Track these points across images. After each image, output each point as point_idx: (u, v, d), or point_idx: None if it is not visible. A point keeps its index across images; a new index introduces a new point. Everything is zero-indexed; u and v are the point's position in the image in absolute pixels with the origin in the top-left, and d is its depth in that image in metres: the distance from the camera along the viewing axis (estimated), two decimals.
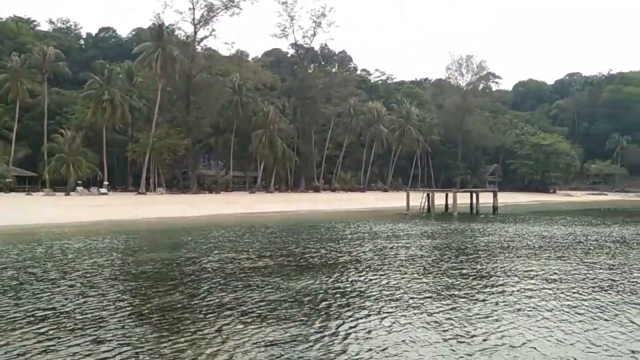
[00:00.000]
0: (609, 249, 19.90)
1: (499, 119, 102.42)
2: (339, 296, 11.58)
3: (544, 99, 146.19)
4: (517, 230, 28.12)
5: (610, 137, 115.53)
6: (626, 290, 12.20)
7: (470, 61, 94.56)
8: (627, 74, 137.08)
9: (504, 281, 13.34)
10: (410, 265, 15.98)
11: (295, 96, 78.12)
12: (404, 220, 35.51)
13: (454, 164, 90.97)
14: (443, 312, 10.05)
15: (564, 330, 8.82)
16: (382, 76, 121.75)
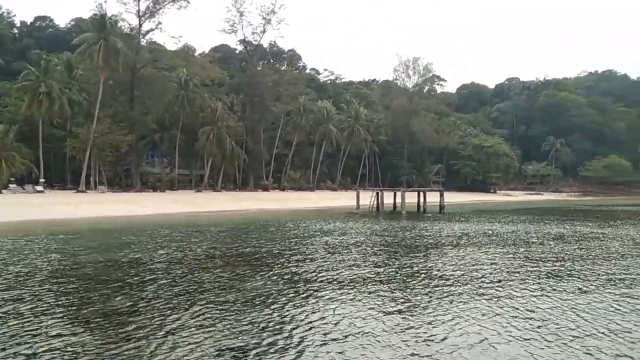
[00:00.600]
0: (549, 245, 20.78)
1: (443, 121, 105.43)
2: (291, 295, 11.35)
3: (486, 102, 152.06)
4: (463, 228, 28.93)
5: (546, 140, 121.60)
6: (571, 281, 12.71)
7: (416, 63, 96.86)
8: (561, 80, 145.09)
9: (451, 275, 13.59)
10: (363, 263, 15.97)
11: (244, 93, 76.96)
12: (354, 218, 35.72)
13: (401, 163, 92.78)
14: (399, 311, 10.04)
15: (513, 324, 9.03)
16: (331, 76, 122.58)
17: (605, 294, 11.72)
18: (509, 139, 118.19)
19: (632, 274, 14.41)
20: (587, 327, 9.02)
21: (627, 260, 17.17)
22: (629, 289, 12.44)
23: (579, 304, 10.79)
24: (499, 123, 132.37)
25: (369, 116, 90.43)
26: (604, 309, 10.37)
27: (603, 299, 11.21)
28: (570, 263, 16.36)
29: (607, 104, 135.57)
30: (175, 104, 65.12)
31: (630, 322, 9.41)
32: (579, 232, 26.74)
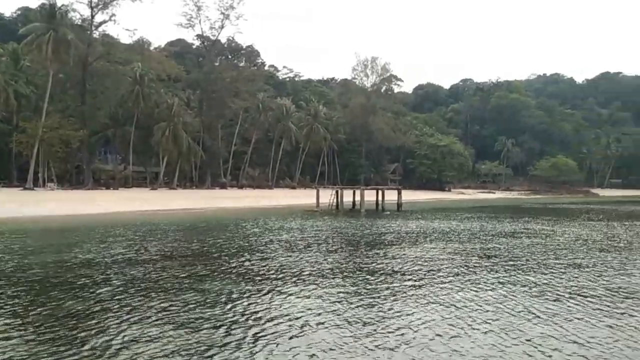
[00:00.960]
0: (502, 241, 21.42)
1: (400, 120, 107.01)
2: (252, 294, 11.19)
3: (441, 102, 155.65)
4: (421, 225, 29.47)
5: (498, 140, 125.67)
6: (522, 274, 13.13)
7: (375, 63, 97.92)
8: (512, 82, 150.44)
9: (408, 270, 13.78)
10: (323, 260, 15.95)
11: (201, 89, 75.54)
12: (314, 216, 35.74)
13: (359, 162, 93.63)
14: (359, 306, 10.07)
15: (470, 318, 9.23)
16: (290, 73, 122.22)
17: (555, 284, 12.18)
18: (463, 138, 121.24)
19: (579, 265, 15.05)
20: (531, 315, 9.41)
21: (575, 254, 17.93)
22: (577, 279, 12.98)
23: (526, 294, 11.29)
24: (453, 123, 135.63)
25: (328, 114, 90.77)
26: (553, 299, 10.76)
27: (553, 290, 11.64)
28: (522, 258, 16.92)
29: (554, 106, 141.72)
30: (130, 99, 63.22)
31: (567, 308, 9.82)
32: (530, 229, 27.73)
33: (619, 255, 18.24)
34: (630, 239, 23.80)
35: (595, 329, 8.88)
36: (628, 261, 16.76)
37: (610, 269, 15.12)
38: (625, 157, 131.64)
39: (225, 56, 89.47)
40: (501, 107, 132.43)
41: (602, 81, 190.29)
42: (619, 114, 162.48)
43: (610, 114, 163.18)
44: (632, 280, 13.54)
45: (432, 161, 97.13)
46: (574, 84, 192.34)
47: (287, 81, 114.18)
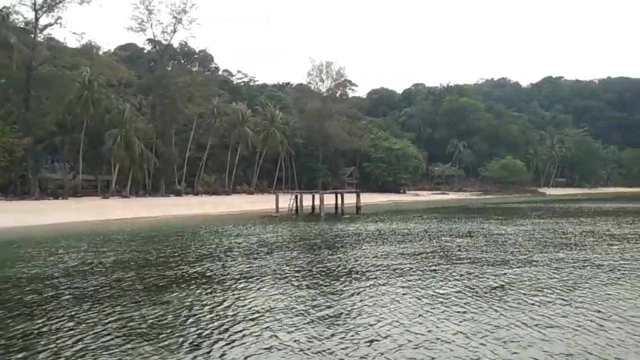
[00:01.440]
0: (458, 241, 21.94)
1: (356, 124, 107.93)
2: (211, 304, 10.92)
3: (394, 106, 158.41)
4: (380, 228, 29.77)
5: (450, 142, 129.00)
6: (476, 269, 13.47)
7: (329, 68, 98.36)
8: (462, 86, 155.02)
9: (371, 272, 13.86)
10: (285, 266, 15.81)
11: (153, 94, 73.51)
12: (274, 222, 35.45)
13: (316, 166, 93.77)
14: (322, 309, 10.02)
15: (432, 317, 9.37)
16: (245, 78, 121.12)
17: (513, 282, 12.57)
18: (417, 141, 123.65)
19: (530, 260, 15.60)
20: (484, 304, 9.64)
21: (530, 252, 18.57)
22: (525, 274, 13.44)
23: (478, 287, 11.56)
24: (407, 126, 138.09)
25: (285, 119, 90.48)
26: (508, 290, 11.08)
27: (514, 287, 12.00)
28: (479, 255, 17.37)
29: (502, 108, 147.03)
30: (78, 105, 60.70)
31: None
32: (484, 229, 28.54)
33: (570, 252, 19.04)
34: (581, 236, 24.91)
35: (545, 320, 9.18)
36: (578, 258, 17.50)
37: (563, 265, 15.74)
38: (568, 157, 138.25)
39: (178, 61, 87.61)
40: (452, 111, 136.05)
41: (545, 85, 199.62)
42: (561, 116, 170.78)
43: (553, 116, 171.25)
44: (583, 274, 14.13)
45: (388, 164, 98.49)
46: (519, 88, 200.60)
47: (242, 86, 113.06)
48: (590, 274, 14.28)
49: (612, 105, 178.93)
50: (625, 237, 23.51)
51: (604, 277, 13.79)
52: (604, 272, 14.55)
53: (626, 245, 20.73)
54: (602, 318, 9.59)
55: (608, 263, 16.08)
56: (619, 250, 19.25)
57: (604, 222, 33.12)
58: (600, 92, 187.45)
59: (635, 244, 21.12)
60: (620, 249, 19.41)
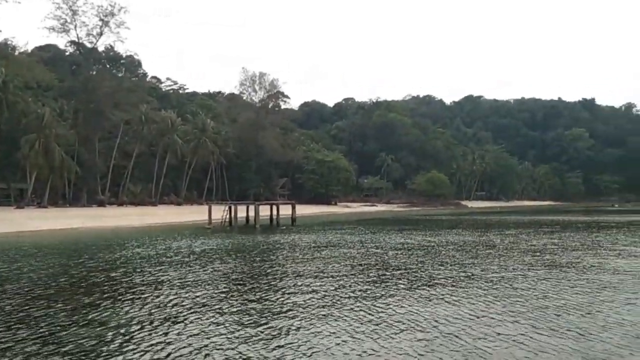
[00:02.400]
0: (391, 253, 22.49)
1: (289, 136, 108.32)
2: (139, 323, 10.40)
3: (326, 119, 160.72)
4: (315, 239, 29.84)
5: (379, 156, 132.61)
6: (411, 282, 13.87)
7: (263, 79, 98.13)
8: (391, 102, 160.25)
9: (302, 284, 13.85)
10: (220, 282, 15.40)
11: (76, 99, 69.49)
12: (207, 234, 34.51)
13: (248, 177, 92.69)
14: (256, 326, 9.85)
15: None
16: (174, 85, 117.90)
17: (443, 293, 13.04)
18: (347, 154, 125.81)
19: (469, 275, 16.30)
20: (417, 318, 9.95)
21: (461, 264, 19.39)
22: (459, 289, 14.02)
23: (413, 298, 11.87)
24: (338, 139, 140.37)
25: (216, 129, 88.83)
26: (438, 304, 11.49)
27: (449, 297, 12.45)
28: (411, 267, 17.88)
29: (428, 125, 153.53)
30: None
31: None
32: (415, 241, 29.46)
33: (495, 260, 20.08)
34: (506, 247, 26.36)
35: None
36: (505, 268, 18.50)
37: (498, 276, 16.56)
38: (487, 172, 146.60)
39: (103, 65, 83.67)
40: (381, 125, 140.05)
41: (467, 103, 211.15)
42: (481, 133, 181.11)
43: (474, 133, 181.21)
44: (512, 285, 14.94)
45: (320, 176, 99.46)
46: (443, 105, 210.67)
47: (172, 93, 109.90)
48: (525, 282, 15.11)
49: (526, 124, 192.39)
50: (544, 249, 25.18)
51: (541, 284, 14.65)
52: (533, 280, 15.46)
53: (543, 256, 22.19)
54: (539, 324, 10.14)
55: (534, 274, 17.12)
56: (538, 260, 20.58)
57: (525, 233, 35.28)
58: (515, 112, 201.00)
59: (546, 254, 22.66)
60: (538, 260, 20.74)
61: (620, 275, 16.38)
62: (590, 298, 12.75)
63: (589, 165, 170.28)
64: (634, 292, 13.46)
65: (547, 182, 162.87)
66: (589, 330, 9.73)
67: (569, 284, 14.80)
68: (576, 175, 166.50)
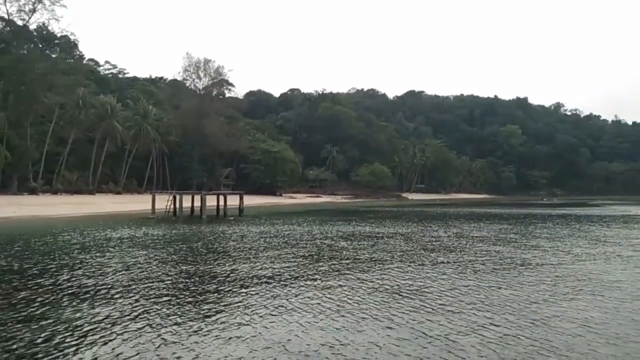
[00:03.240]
0: (340, 243, 22.88)
1: (233, 125, 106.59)
2: (75, 315, 10.09)
3: (272, 109, 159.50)
4: (264, 230, 29.76)
5: (324, 148, 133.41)
6: (358, 273, 14.24)
7: (208, 65, 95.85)
8: (336, 95, 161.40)
9: (248, 274, 13.89)
10: (162, 274, 15.11)
11: (5, 80, 64.89)
12: (150, 224, 33.50)
13: (191, 166, 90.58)
14: (196, 318, 9.83)
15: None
16: (113, 69, 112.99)
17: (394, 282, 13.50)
18: (293, 145, 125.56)
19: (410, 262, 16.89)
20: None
21: (404, 250, 20.03)
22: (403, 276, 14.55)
23: (371, 291, 12.24)
24: (284, 130, 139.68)
25: (158, 115, 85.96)
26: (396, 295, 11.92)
27: (397, 288, 12.89)
28: (363, 256, 18.31)
29: (372, 118, 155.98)
30: None
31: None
32: (364, 231, 30.06)
33: (449, 254, 20.91)
34: (449, 239, 27.45)
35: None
36: (457, 260, 19.30)
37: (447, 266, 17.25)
38: (427, 165, 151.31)
39: (36, 45, 78.66)
40: (327, 117, 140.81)
41: (409, 98, 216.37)
42: (422, 127, 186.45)
43: (415, 127, 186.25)
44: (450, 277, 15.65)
45: (265, 166, 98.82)
46: (386, 100, 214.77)
47: (110, 77, 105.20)
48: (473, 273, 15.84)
49: (465, 120, 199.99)
50: (486, 238, 26.46)
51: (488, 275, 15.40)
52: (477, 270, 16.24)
53: (486, 245, 23.35)
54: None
55: (482, 261, 17.98)
56: (484, 249, 21.63)
57: (466, 224, 36.83)
58: (454, 108, 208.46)
59: (485, 244, 23.88)
60: (483, 249, 21.81)
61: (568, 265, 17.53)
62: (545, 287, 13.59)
63: (521, 160, 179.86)
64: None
65: (482, 176, 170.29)
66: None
67: (513, 276, 15.68)
68: (509, 169, 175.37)
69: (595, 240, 25.50)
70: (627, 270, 16.23)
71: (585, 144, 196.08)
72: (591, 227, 34.07)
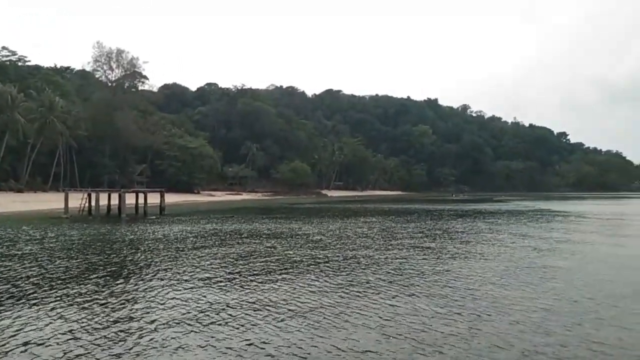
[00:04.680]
0: (263, 242, 22.93)
1: (147, 119, 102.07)
2: None
3: (188, 103, 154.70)
4: (189, 229, 28.97)
5: (244, 144, 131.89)
6: (280, 270, 14.47)
7: (121, 56, 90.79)
8: (256, 91, 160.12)
9: (175, 274, 13.68)
10: (82, 273, 14.37)
11: None
12: (63, 224, 31.28)
13: (102, 162, 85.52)
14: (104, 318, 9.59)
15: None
16: (12, 56, 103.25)
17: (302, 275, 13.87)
18: (211, 141, 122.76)
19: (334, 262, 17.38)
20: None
21: (329, 248, 20.52)
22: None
23: (287, 285, 12.52)
24: (201, 126, 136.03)
25: (66, 108, 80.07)
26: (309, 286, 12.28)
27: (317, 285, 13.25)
28: (291, 256, 18.53)
29: (292, 115, 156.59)
30: None
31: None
32: (289, 229, 30.25)
33: (377, 250, 21.63)
34: (375, 235, 28.39)
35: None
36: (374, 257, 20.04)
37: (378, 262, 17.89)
38: (345, 163, 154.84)
39: None
40: (246, 113, 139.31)
41: (327, 97, 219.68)
42: (340, 125, 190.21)
43: (333, 125, 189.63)
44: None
45: (183, 163, 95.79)
46: (305, 97, 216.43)
47: (9, 65, 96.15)
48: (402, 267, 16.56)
49: (380, 119, 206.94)
50: (408, 234, 27.72)
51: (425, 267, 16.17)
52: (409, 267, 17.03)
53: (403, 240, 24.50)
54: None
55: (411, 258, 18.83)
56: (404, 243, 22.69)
57: (390, 220, 38.27)
58: (370, 107, 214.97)
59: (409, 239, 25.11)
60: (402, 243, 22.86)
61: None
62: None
63: (432, 158, 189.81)
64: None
65: (396, 173, 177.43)
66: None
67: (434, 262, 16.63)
68: (421, 167, 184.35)
69: (530, 233, 27.68)
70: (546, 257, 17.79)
71: (489, 143, 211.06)
72: (523, 223, 36.86)
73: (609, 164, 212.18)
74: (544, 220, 39.77)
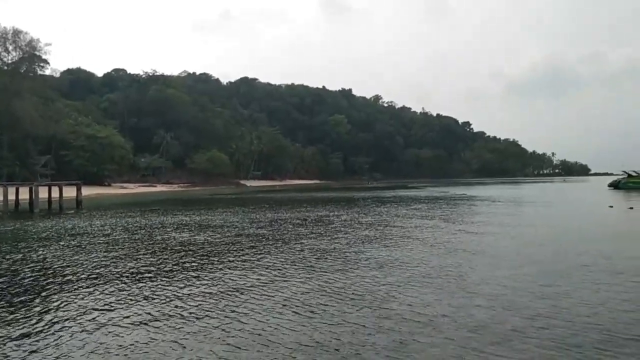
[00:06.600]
0: (183, 235, 22.76)
1: (50, 107, 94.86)
2: None
3: (94, 90, 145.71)
4: (114, 223, 27.81)
5: (157, 133, 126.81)
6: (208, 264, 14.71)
7: (18, 37, 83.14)
8: (169, 77, 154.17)
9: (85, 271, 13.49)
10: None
11: None
12: None
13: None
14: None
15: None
16: None
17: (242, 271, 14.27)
18: (121, 130, 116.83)
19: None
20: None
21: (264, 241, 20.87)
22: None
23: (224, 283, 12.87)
24: (110, 114, 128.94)
25: None
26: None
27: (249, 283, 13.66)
28: (221, 249, 18.66)
29: (207, 103, 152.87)
30: None
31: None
32: (216, 221, 30.05)
33: (321, 240, 22.21)
34: (307, 221, 28.99)
35: None
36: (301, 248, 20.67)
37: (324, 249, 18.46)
38: (263, 152, 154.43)
39: None
40: (159, 101, 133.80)
41: (243, 85, 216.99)
42: (257, 114, 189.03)
43: (250, 114, 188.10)
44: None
45: (91, 153, 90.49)
46: (220, 85, 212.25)
47: None
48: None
49: (296, 108, 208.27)
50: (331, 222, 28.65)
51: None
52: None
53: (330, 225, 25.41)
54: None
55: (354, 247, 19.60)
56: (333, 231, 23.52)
57: (320, 209, 39.07)
58: (287, 96, 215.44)
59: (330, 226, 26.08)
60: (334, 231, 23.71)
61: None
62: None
63: (347, 147, 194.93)
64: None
65: (314, 162, 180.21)
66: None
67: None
68: (337, 156, 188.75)
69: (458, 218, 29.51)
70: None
71: (400, 132, 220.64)
72: (451, 206, 39.09)
73: (507, 152, 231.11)
74: (465, 205, 42.52)
